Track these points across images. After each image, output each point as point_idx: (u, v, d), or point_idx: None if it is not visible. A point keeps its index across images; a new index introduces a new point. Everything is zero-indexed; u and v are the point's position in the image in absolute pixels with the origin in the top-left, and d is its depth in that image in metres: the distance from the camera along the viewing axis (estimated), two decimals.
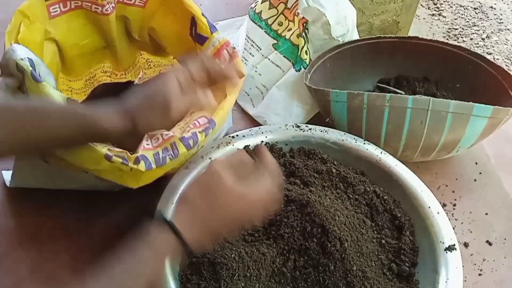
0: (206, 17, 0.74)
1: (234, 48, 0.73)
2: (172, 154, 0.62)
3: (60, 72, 0.78)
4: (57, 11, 0.72)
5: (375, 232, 0.66)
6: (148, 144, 0.62)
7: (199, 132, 0.65)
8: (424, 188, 0.69)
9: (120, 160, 0.58)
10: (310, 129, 0.77)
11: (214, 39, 0.73)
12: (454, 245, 0.62)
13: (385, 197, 0.69)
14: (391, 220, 0.67)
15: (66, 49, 0.76)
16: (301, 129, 0.77)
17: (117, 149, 0.60)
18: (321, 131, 0.77)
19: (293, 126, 0.78)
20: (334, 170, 0.71)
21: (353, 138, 0.76)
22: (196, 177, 0.64)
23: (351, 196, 0.69)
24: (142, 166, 0.59)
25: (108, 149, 0.58)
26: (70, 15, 0.73)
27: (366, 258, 0.61)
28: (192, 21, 0.74)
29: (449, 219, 0.75)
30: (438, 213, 0.66)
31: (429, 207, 0.66)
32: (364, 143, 0.75)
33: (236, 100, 0.94)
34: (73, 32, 0.75)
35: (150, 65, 0.89)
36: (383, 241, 0.65)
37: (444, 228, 0.64)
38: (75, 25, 0.75)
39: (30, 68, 0.58)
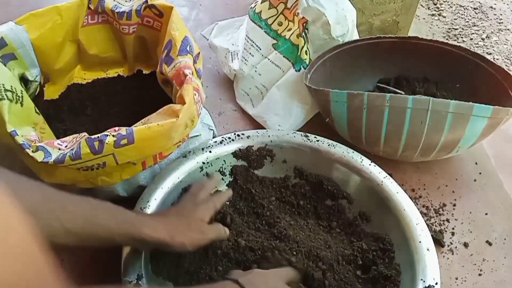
0: (187, 40, 0.69)
1: (187, 75, 0.66)
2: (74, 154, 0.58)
3: (79, 64, 0.86)
4: (86, 21, 0.79)
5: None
6: (60, 144, 0.60)
7: (112, 135, 0.59)
8: (420, 220, 0.66)
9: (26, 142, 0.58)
10: (318, 140, 0.77)
11: (177, 61, 0.68)
12: (436, 284, 0.58)
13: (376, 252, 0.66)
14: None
15: (88, 57, 0.82)
16: (309, 139, 0.77)
17: (30, 137, 0.60)
18: (329, 145, 0.76)
19: (301, 135, 0.78)
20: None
21: (359, 157, 0.75)
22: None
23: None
24: (39, 155, 0.57)
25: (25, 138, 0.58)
26: (98, 28, 0.80)
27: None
28: (167, 44, 0.71)
29: (449, 219, 0.75)
30: (428, 249, 0.62)
31: (420, 242, 0.63)
32: (370, 165, 0.73)
33: (236, 100, 0.95)
34: (97, 44, 0.82)
35: None
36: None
37: (430, 267, 0.60)
38: (101, 38, 0.82)
39: None
